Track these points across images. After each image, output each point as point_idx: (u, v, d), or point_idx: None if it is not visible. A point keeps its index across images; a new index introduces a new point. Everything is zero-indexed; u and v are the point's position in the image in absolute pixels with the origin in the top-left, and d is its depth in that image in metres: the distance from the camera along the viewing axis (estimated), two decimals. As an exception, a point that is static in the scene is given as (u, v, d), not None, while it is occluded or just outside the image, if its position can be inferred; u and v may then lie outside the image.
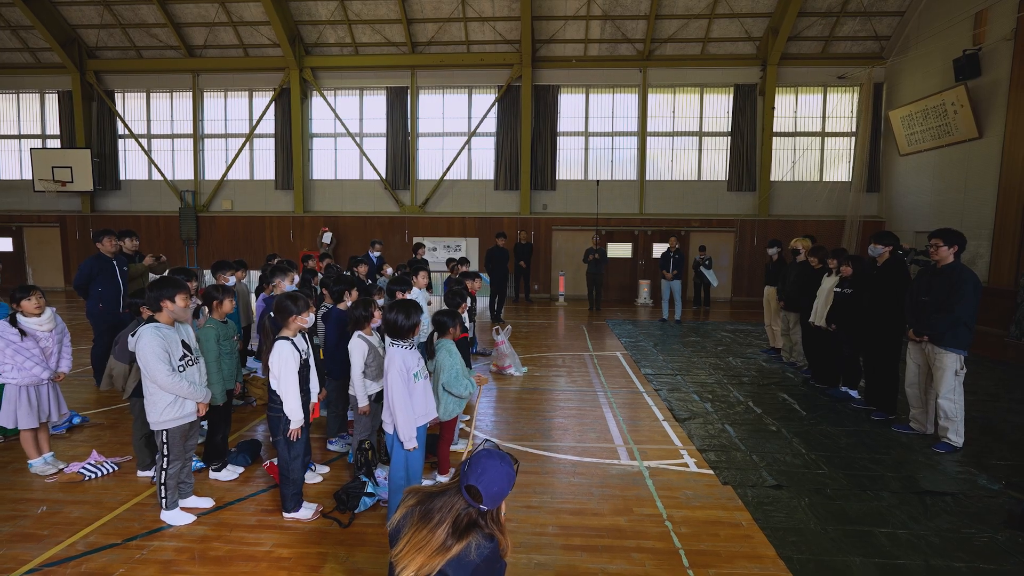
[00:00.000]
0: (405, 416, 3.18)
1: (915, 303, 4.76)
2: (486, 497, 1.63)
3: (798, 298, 7.09)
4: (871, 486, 3.97)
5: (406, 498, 1.78)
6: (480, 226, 14.99)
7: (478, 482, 1.62)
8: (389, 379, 3.19)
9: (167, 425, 3.34)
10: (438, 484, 1.82)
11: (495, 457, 1.67)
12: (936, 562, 3.06)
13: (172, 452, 3.39)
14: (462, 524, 1.66)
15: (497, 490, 1.65)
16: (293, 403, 3.32)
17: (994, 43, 10.81)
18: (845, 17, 13.49)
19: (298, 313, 3.41)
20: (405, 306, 3.33)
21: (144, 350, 3.20)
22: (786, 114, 14.52)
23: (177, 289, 3.37)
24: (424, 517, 1.67)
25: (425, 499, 1.72)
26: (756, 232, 14.48)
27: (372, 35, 14.45)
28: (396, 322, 3.26)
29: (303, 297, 3.49)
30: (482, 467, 1.64)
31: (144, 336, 3.22)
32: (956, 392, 4.55)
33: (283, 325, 3.44)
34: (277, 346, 3.33)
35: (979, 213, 11.16)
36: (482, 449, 1.71)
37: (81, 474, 4.07)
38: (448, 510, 1.66)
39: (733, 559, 3.11)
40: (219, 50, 14.91)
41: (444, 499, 1.68)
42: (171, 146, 15.47)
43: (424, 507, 1.69)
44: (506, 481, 1.67)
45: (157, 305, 3.33)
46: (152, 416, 3.32)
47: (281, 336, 3.39)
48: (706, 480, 4.08)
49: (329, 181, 15.31)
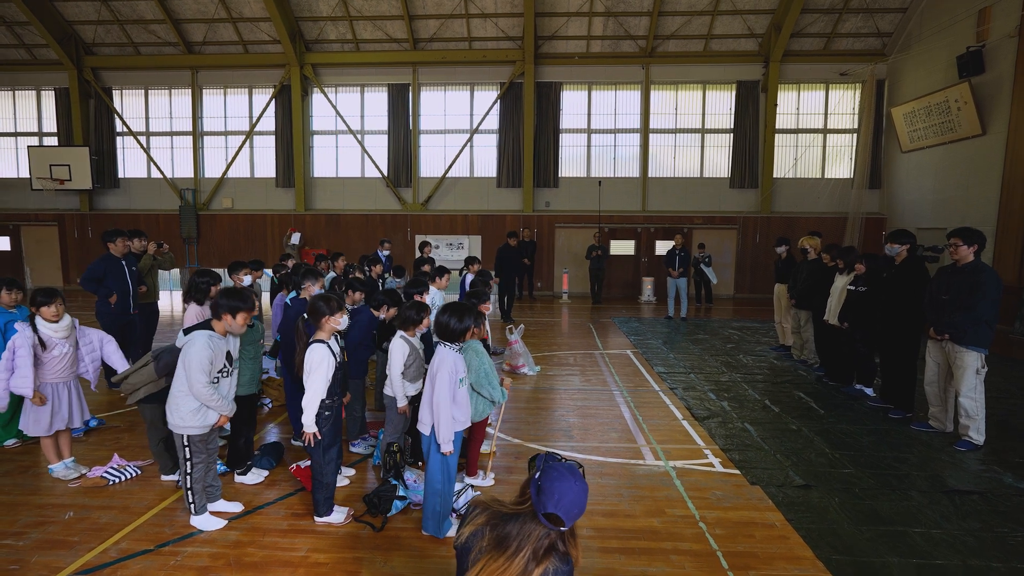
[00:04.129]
0: (447, 419, 3.16)
1: (935, 302, 4.78)
2: (567, 520, 1.58)
3: (811, 296, 7.10)
4: (899, 485, 3.98)
5: (475, 515, 1.71)
6: (483, 224, 14.95)
7: (557, 508, 1.56)
8: (437, 380, 3.17)
9: (190, 431, 3.30)
10: (508, 504, 1.73)
11: (567, 477, 1.59)
12: (974, 562, 3.08)
13: (195, 456, 3.36)
14: (541, 551, 1.62)
15: (578, 511, 1.60)
16: (312, 409, 3.25)
17: (998, 39, 10.84)
18: (847, 14, 13.51)
19: (331, 314, 3.37)
20: (458, 309, 3.32)
21: (192, 357, 3.18)
22: (788, 111, 14.54)
23: (245, 306, 3.34)
24: (500, 544, 1.61)
25: (497, 521, 1.66)
26: (758, 229, 14.51)
27: (373, 31, 14.34)
28: (449, 324, 3.29)
29: (335, 298, 3.46)
30: (559, 492, 1.57)
31: (196, 343, 3.19)
32: (977, 390, 4.57)
33: (316, 327, 3.40)
34: (312, 348, 3.29)
35: (982, 210, 11.22)
36: (550, 468, 1.63)
37: (104, 478, 4.02)
38: (526, 537, 1.59)
39: (772, 560, 3.11)
40: (218, 46, 14.75)
41: (520, 525, 1.61)
42: (170, 144, 15.32)
43: (498, 532, 1.63)
44: (584, 497, 1.61)
45: (219, 314, 3.29)
46: (174, 419, 3.28)
47: (316, 339, 3.35)
48: (734, 480, 4.08)
49: (330, 179, 15.21)
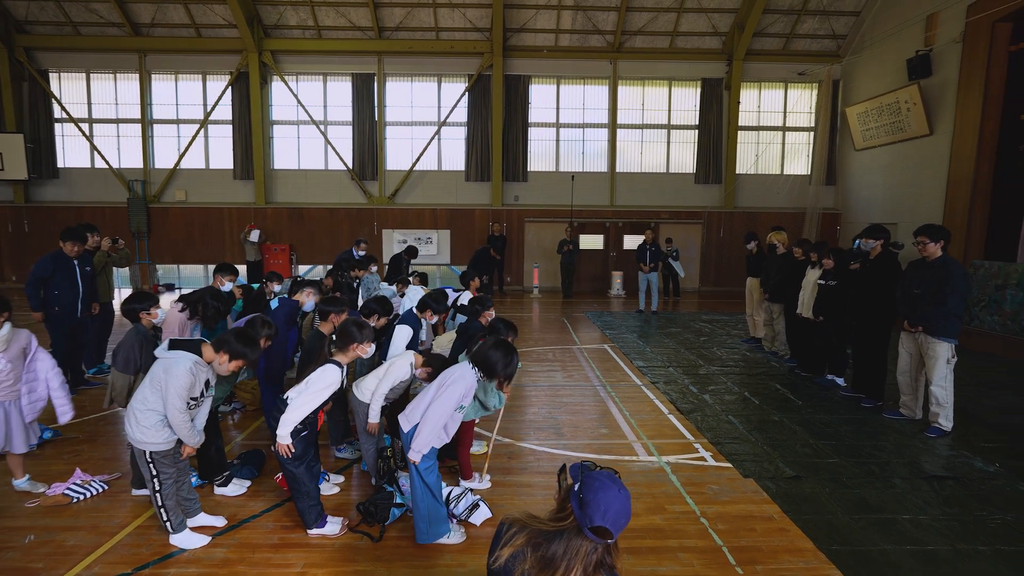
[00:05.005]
0: (431, 433, 3.05)
1: (907, 296, 4.97)
2: (616, 531, 1.51)
3: (783, 290, 7.31)
4: (881, 473, 4.13)
5: (511, 535, 1.60)
6: (451, 218, 14.74)
7: (605, 520, 1.49)
8: (446, 393, 3.05)
9: (154, 447, 3.06)
10: (546, 521, 1.62)
11: (610, 487, 1.52)
12: (961, 546, 3.21)
13: (162, 472, 3.12)
14: (591, 567, 1.54)
15: (625, 520, 1.53)
16: (294, 417, 3.10)
17: (944, 45, 11.43)
18: (805, 15, 13.96)
19: (360, 342, 3.29)
20: (510, 351, 3.20)
21: (174, 383, 2.96)
22: (750, 109, 14.94)
23: (247, 358, 3.14)
24: (547, 565, 1.52)
25: (539, 540, 1.56)
26: (723, 224, 14.89)
27: (336, 18, 13.84)
28: (494, 363, 3.14)
29: (368, 326, 3.33)
30: (604, 503, 1.49)
31: (180, 368, 2.97)
32: (947, 379, 4.80)
33: (341, 349, 3.26)
34: (328, 367, 3.15)
35: (930, 206, 11.84)
36: (591, 478, 1.55)
37: (67, 496, 3.69)
38: (575, 555, 1.51)
39: (775, 554, 3.15)
40: (168, 29, 13.90)
41: (566, 543, 1.52)
42: (116, 132, 14.35)
43: (542, 552, 1.53)
44: (629, 505, 1.54)
45: (219, 348, 3.08)
46: (136, 433, 3.03)
47: (334, 360, 3.19)
48: (727, 474, 4.13)
49: (292, 171, 14.63)
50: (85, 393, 5.96)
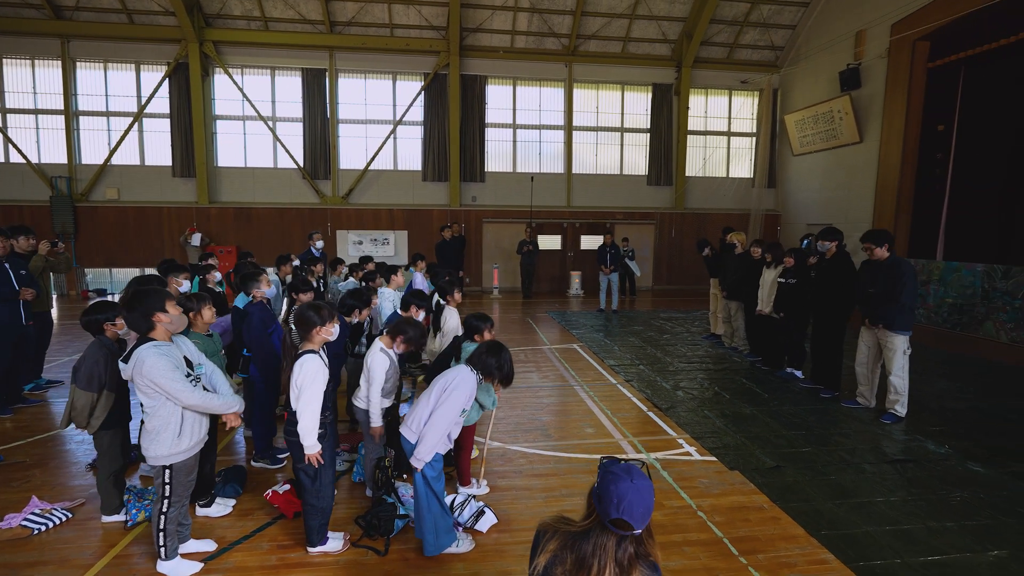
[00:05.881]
0: (436, 439, 2.99)
1: (864, 295, 5.35)
2: (636, 522, 1.52)
3: (740, 288, 7.68)
4: (851, 459, 4.43)
5: (546, 542, 1.63)
6: (409, 218, 14.49)
7: (621, 512, 1.50)
8: (449, 399, 2.99)
9: (174, 459, 2.85)
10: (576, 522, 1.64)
11: (623, 478, 1.54)
12: (931, 523, 3.50)
13: (175, 492, 2.91)
14: (624, 560, 1.57)
15: (642, 510, 1.53)
16: (310, 423, 2.95)
17: (871, 60, 12.36)
18: (747, 26, 14.70)
19: (322, 324, 3.07)
20: (501, 352, 3.18)
21: (154, 372, 2.69)
22: (698, 114, 15.57)
23: (164, 298, 2.87)
24: (581, 566, 1.55)
25: (570, 543, 1.58)
26: (674, 224, 15.45)
27: (285, 10, 13.27)
28: (489, 364, 3.16)
29: (327, 306, 3.15)
30: (617, 495, 1.51)
31: (147, 358, 2.70)
32: (904, 369, 5.20)
33: (305, 338, 3.08)
34: (304, 360, 2.97)
35: (860, 208, 12.79)
36: (606, 473, 1.57)
37: (26, 527, 3.36)
38: (604, 551, 1.54)
39: (772, 542, 3.31)
40: (96, 13, 12.84)
41: (593, 541, 1.55)
42: (35, 123, 13.13)
43: (576, 554, 1.56)
44: (648, 495, 1.55)
45: (149, 323, 2.81)
46: (157, 451, 2.80)
47: (307, 349, 3.03)
48: (714, 467, 4.30)
49: (238, 169, 13.90)
50: (24, 412, 5.44)
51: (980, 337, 9.08)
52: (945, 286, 9.77)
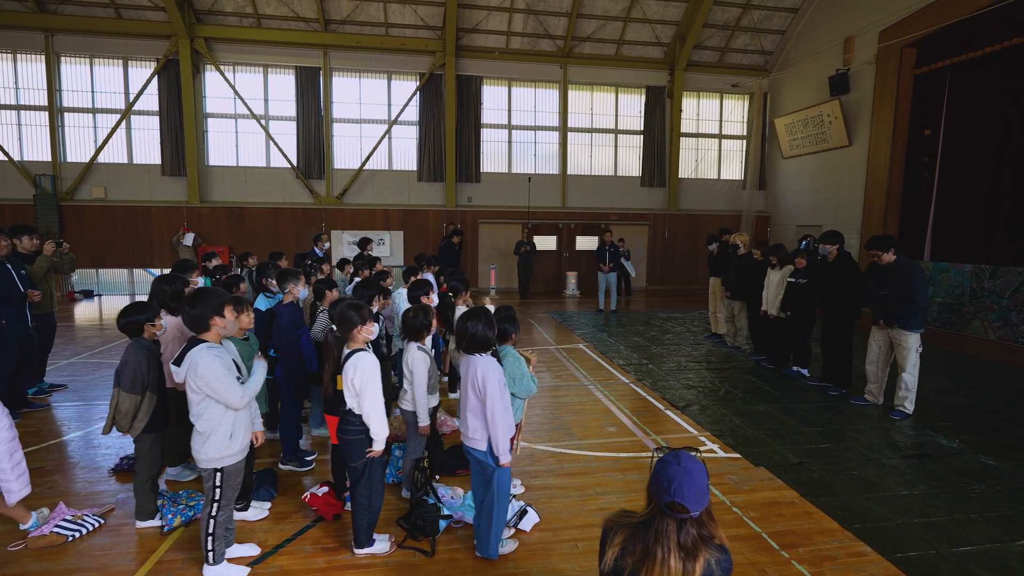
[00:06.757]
0: (506, 429, 3.00)
1: (877, 298, 5.48)
2: (690, 504, 1.55)
3: (743, 288, 7.82)
4: (869, 454, 4.55)
5: (612, 538, 1.68)
6: (404, 218, 14.41)
7: (673, 495, 1.54)
8: (488, 393, 2.97)
9: (227, 461, 2.82)
10: (637, 514, 1.70)
11: (671, 463, 1.58)
12: (957, 515, 3.62)
13: (225, 495, 2.87)
14: (688, 543, 1.61)
15: (694, 491, 1.56)
16: (380, 418, 3.00)
17: (860, 65, 12.69)
18: (738, 31, 14.96)
19: (362, 323, 3.07)
20: (477, 315, 3.09)
21: (209, 374, 2.69)
22: (690, 116, 15.79)
23: (224, 301, 2.85)
24: (648, 555, 1.60)
25: (634, 534, 1.64)
26: (667, 225, 15.63)
27: (278, 7, 13.10)
28: (477, 333, 3.00)
29: (366, 305, 3.15)
30: (666, 479, 1.55)
31: (201, 360, 2.68)
32: (916, 367, 5.36)
33: (347, 338, 3.07)
34: (359, 358, 2.96)
35: (849, 210, 13.11)
36: (657, 462, 1.63)
37: (60, 534, 3.27)
38: (665, 536, 1.58)
39: (809, 536, 3.39)
40: (81, 7, 12.51)
41: (654, 528, 1.60)
42: (17, 119, 12.73)
43: (642, 544, 1.61)
44: (698, 477, 1.58)
45: (206, 324, 2.78)
46: (209, 453, 2.77)
47: (355, 349, 3.02)
48: (741, 464, 4.38)
49: (230, 168, 13.67)
50: (31, 416, 5.29)
51: (969, 335, 9.39)
52: (934, 286, 10.08)
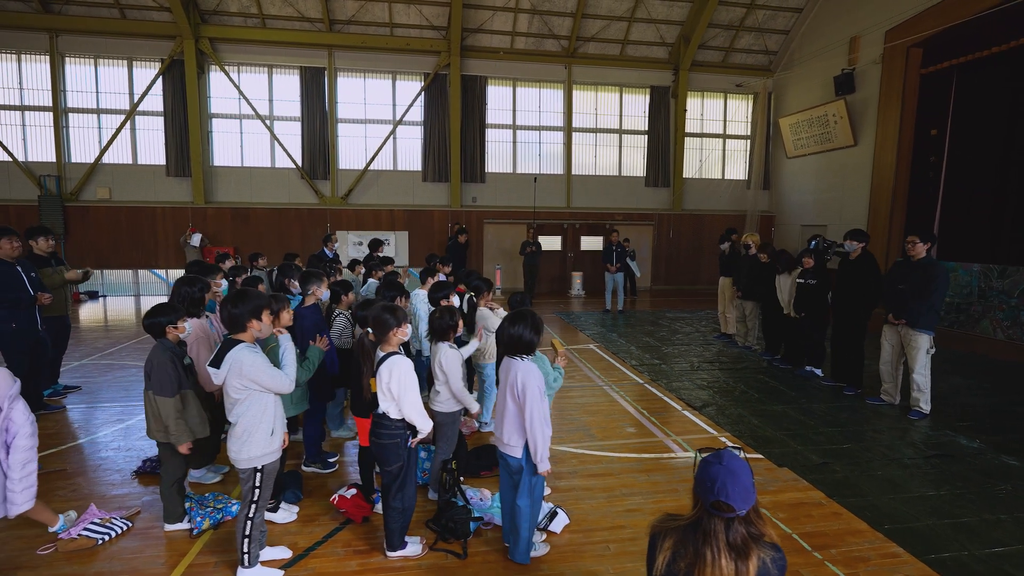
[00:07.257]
0: (546, 437, 2.98)
1: (893, 291, 5.50)
2: (735, 502, 1.54)
3: (753, 288, 7.83)
4: (891, 454, 4.55)
5: (661, 543, 1.67)
6: (409, 219, 14.39)
7: (718, 495, 1.54)
8: (527, 399, 2.96)
9: (267, 459, 2.84)
10: (684, 516, 1.69)
11: (713, 463, 1.59)
12: (987, 516, 3.62)
13: (263, 495, 2.87)
14: (738, 543, 1.59)
15: (738, 489, 1.55)
16: (424, 413, 3.07)
17: (866, 65, 12.71)
18: (743, 31, 14.98)
19: (398, 325, 3.07)
20: (524, 318, 3.11)
21: (255, 370, 2.75)
22: (694, 116, 15.79)
23: (263, 304, 2.85)
24: (700, 558, 1.58)
25: (683, 537, 1.63)
26: (672, 225, 15.64)
27: (283, 7, 13.06)
28: (523, 337, 3.03)
29: (400, 308, 3.15)
30: (709, 478, 1.55)
31: (245, 357, 2.74)
32: (927, 367, 5.36)
33: (383, 341, 3.06)
34: (394, 362, 2.96)
35: (855, 210, 13.12)
36: (700, 463, 1.63)
37: (90, 538, 3.25)
38: (714, 537, 1.56)
39: (840, 537, 3.39)
40: (86, 8, 12.46)
41: (703, 530, 1.59)
42: (21, 120, 12.67)
43: (693, 547, 1.60)
44: (741, 475, 1.57)
45: (242, 325, 2.78)
46: (250, 452, 2.78)
47: (390, 352, 3.02)
48: (763, 464, 4.38)
49: (235, 168, 13.63)
50: (47, 418, 5.26)
51: (978, 335, 9.40)
52: (942, 285, 10.07)
